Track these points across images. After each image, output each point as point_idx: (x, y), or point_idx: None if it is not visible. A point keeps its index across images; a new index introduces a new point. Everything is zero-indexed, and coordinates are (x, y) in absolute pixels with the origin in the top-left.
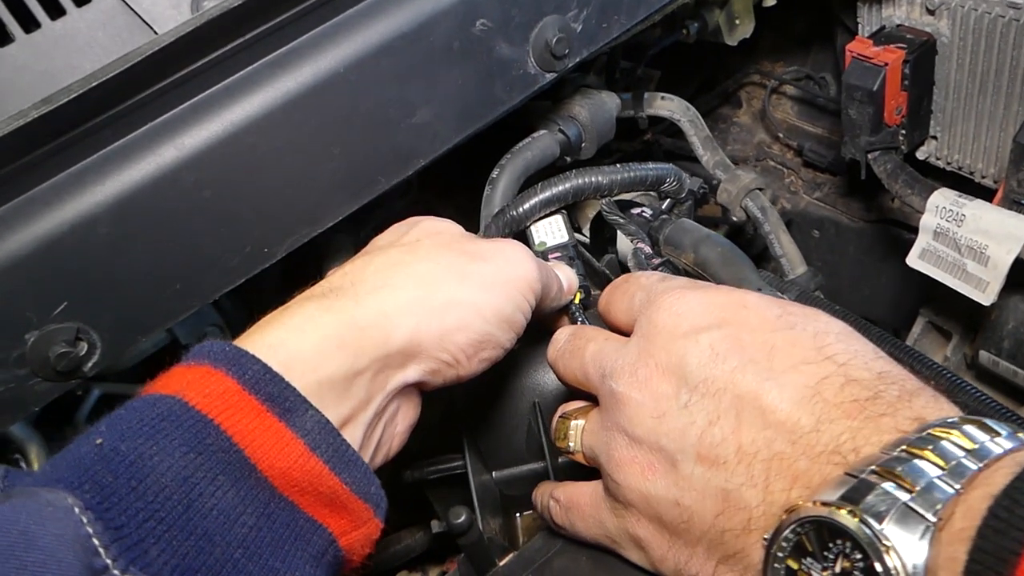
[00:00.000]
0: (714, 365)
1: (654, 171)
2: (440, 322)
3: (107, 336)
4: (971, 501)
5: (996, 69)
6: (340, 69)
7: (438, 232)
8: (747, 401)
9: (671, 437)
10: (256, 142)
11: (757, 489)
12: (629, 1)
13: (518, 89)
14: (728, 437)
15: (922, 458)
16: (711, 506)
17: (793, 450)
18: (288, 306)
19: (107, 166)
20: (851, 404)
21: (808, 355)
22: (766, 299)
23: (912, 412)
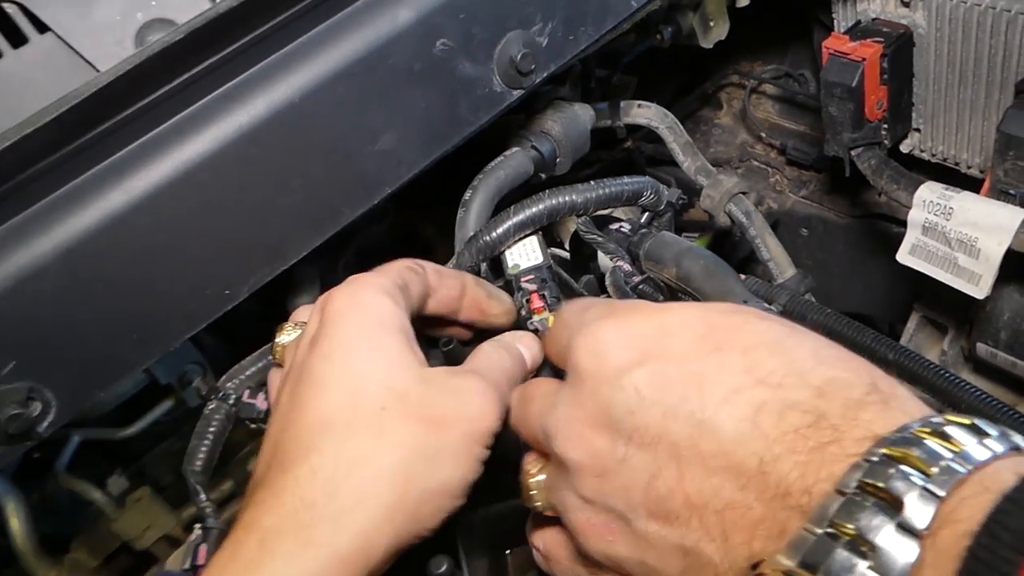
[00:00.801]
0: (643, 412)
1: (630, 185)
2: (417, 523)
3: (62, 394)
4: (940, 545)
5: (975, 58)
6: (296, 99)
7: (360, 340)
8: (684, 448)
9: (618, 496)
10: (210, 180)
11: (716, 543)
12: (595, 12)
13: (484, 109)
14: (674, 489)
15: (879, 498)
16: (673, 563)
17: (744, 496)
18: (263, 536)
19: (51, 215)
20: (793, 435)
21: (739, 382)
22: (689, 318)
23: (859, 431)
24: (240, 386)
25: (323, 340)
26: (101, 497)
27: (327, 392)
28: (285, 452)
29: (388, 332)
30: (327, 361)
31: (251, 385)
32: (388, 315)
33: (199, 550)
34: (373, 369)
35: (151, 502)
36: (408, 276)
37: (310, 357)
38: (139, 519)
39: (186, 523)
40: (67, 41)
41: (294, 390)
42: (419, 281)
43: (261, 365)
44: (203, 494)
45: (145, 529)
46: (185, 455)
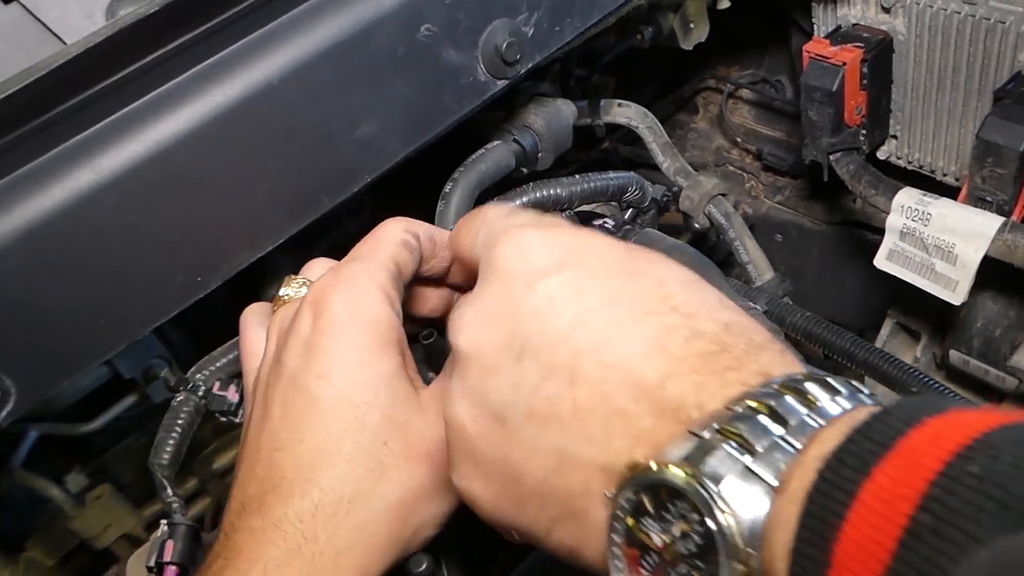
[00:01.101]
0: (551, 317)
1: (615, 180)
2: (407, 550)
3: (22, 382)
4: (807, 462)
5: (954, 66)
6: (274, 80)
7: (350, 352)
8: (584, 356)
9: (500, 393)
10: (184, 161)
11: (595, 448)
12: (581, 3)
13: (468, 98)
14: (563, 394)
15: (765, 415)
16: (542, 463)
17: (636, 407)
18: (265, 567)
19: (13, 193)
20: (697, 358)
21: (652, 305)
22: (611, 242)
23: (758, 367)
24: (210, 378)
25: (320, 355)
26: (60, 494)
27: (327, 418)
28: (282, 477)
29: (387, 351)
30: (326, 382)
31: (221, 377)
32: (385, 327)
33: (165, 546)
34: (374, 399)
35: (112, 500)
36: (403, 258)
37: (306, 372)
38: (99, 517)
39: (147, 522)
40: (33, 12)
41: (289, 405)
42: (413, 260)
43: (232, 356)
44: (170, 489)
45: (106, 527)
46: (152, 448)
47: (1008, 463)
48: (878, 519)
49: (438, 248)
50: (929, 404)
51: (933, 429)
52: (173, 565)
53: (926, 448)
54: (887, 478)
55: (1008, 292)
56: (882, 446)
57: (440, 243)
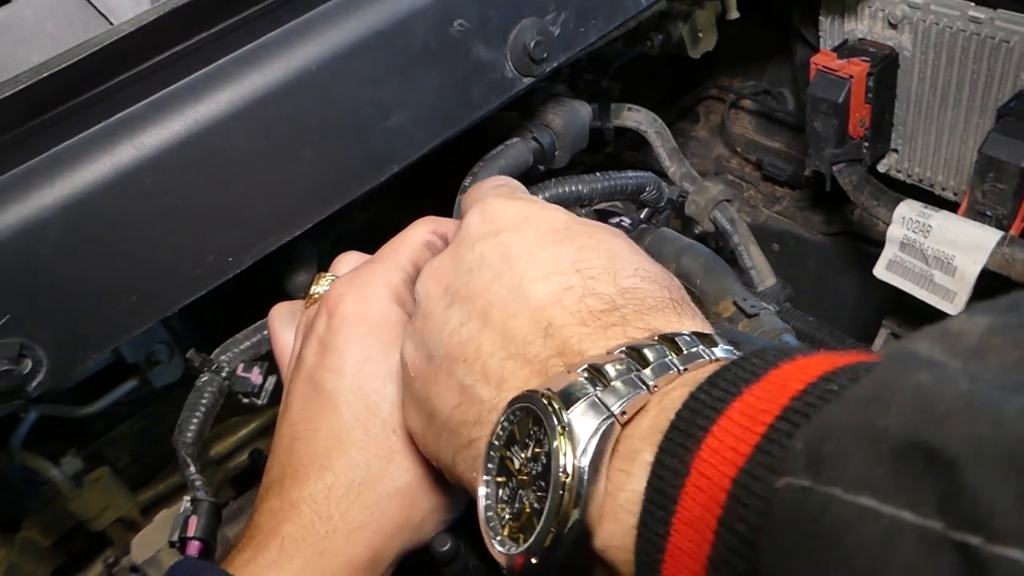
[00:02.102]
0: (478, 272)
1: (634, 179)
2: (420, 534)
3: (54, 353)
4: (663, 400)
5: (957, 83)
6: (312, 67)
7: (364, 351)
8: (493, 308)
9: (431, 336)
10: (222, 143)
11: (491, 386)
12: (606, 6)
13: (495, 93)
14: (473, 337)
15: (630, 359)
16: (449, 399)
17: (526, 350)
18: (282, 541)
19: (57, 166)
20: (586, 314)
21: (561, 267)
22: (559, 214)
23: (644, 324)
24: (234, 359)
25: (333, 351)
26: (58, 475)
27: (339, 409)
28: (299, 463)
29: (396, 347)
30: (338, 376)
31: (245, 359)
32: (396, 324)
33: (189, 521)
34: (383, 388)
35: (110, 483)
36: (424, 259)
37: (320, 367)
38: (97, 499)
39: (143, 506)
40: None
41: (307, 398)
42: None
43: (256, 339)
44: (193, 466)
45: (102, 510)
46: (176, 426)
47: (867, 386)
48: (738, 429)
49: None
50: (805, 348)
51: (805, 362)
52: (197, 540)
53: (795, 374)
54: (753, 397)
55: None
56: (753, 375)
57: None
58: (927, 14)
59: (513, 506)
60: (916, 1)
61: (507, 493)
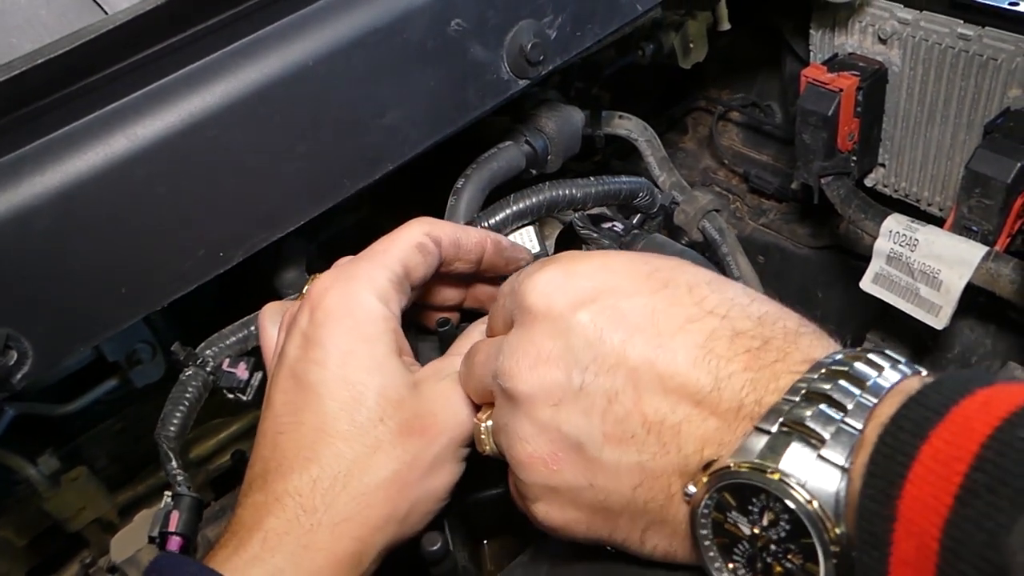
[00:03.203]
0: (601, 342)
1: (627, 185)
2: (407, 527)
3: (40, 345)
4: (867, 435)
5: (944, 99)
6: (309, 62)
7: (349, 341)
8: (643, 371)
9: (573, 423)
10: (216, 136)
11: (671, 456)
12: (603, 11)
13: (491, 94)
14: (631, 411)
15: (824, 403)
16: (627, 481)
17: (699, 412)
18: (265, 536)
19: (49, 155)
20: (745, 355)
21: (691, 313)
22: (630, 257)
23: (801, 354)
24: (219, 354)
25: (316, 344)
26: (35, 474)
27: (323, 400)
28: (283, 457)
29: (380, 338)
30: (322, 367)
31: (231, 354)
32: (379, 319)
33: (170, 516)
34: (369, 378)
35: (87, 483)
36: (413, 262)
37: (303, 360)
38: (74, 499)
39: (121, 507)
40: None
41: (289, 391)
42: (426, 264)
43: (243, 335)
44: (175, 461)
45: (79, 510)
46: (159, 420)
47: None
48: (935, 477)
49: (462, 252)
50: (978, 376)
51: (983, 398)
52: (177, 536)
53: (977, 414)
54: (942, 441)
55: (986, 320)
56: (937, 413)
57: (465, 247)
58: (916, 30)
59: (755, 567)
60: (906, 17)
61: (740, 555)
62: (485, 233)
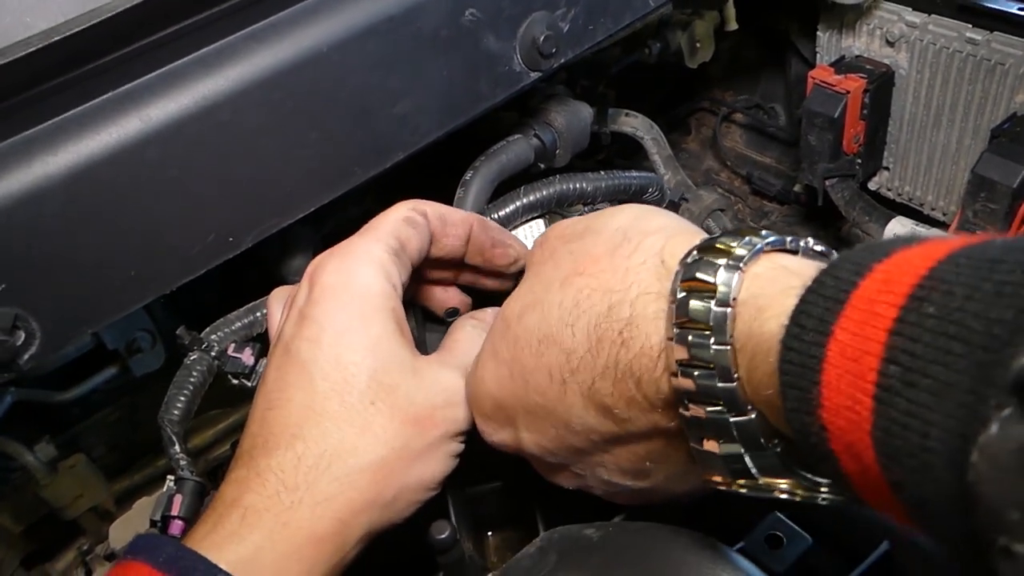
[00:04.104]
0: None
1: (638, 180)
2: (391, 513)
3: (48, 325)
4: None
5: (951, 103)
6: (323, 48)
7: (348, 319)
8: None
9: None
10: (229, 120)
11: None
12: (616, 5)
13: (503, 86)
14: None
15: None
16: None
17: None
18: (244, 512)
19: (61, 135)
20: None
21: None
22: (550, 267)
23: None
24: (225, 339)
25: (311, 321)
26: (33, 461)
27: (315, 379)
28: (270, 433)
29: (378, 317)
30: (315, 345)
31: (236, 339)
32: (378, 296)
33: (173, 500)
34: (363, 359)
35: (85, 470)
36: (405, 234)
37: (297, 337)
38: (71, 487)
39: (117, 496)
40: None
41: (282, 368)
42: (418, 235)
43: (249, 320)
44: (178, 444)
45: (76, 498)
46: (163, 404)
47: (960, 295)
48: (849, 377)
49: (448, 227)
50: (874, 249)
51: (883, 275)
52: (180, 520)
53: (880, 296)
54: (847, 334)
55: None
56: (837, 301)
57: (451, 221)
58: (924, 33)
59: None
60: (914, 20)
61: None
62: (470, 212)
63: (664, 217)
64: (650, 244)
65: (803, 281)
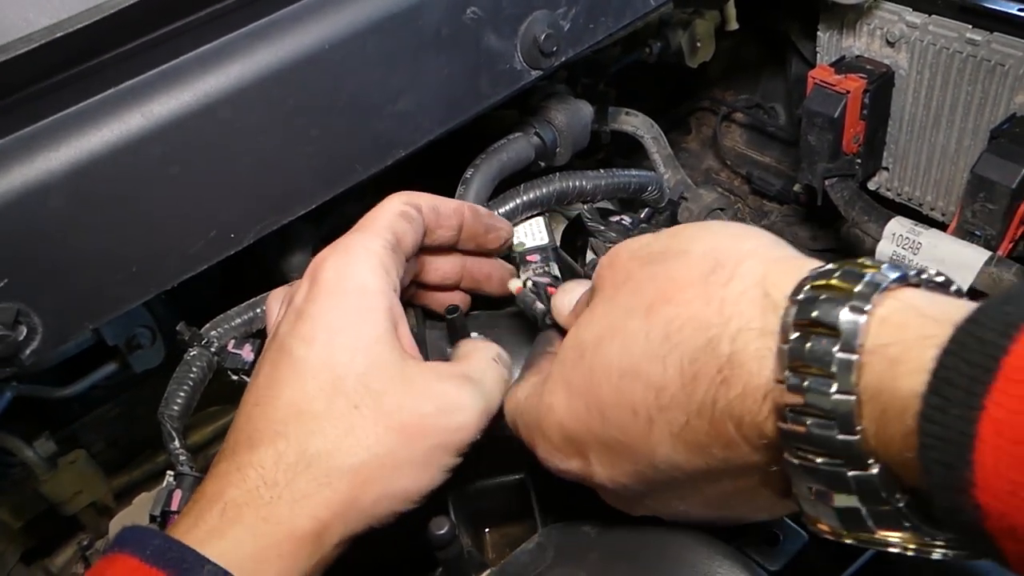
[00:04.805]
0: (619, 394)
1: (637, 178)
2: (370, 519)
3: (50, 321)
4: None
5: (950, 104)
6: (325, 46)
7: (348, 323)
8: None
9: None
10: (231, 117)
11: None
12: (616, 4)
13: (503, 84)
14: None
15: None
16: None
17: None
18: (224, 507)
19: (63, 130)
20: (707, 382)
21: (654, 349)
22: (612, 294)
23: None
24: (224, 335)
25: (306, 319)
26: (32, 456)
27: (304, 378)
28: (255, 429)
29: (373, 317)
30: (307, 344)
31: (236, 336)
32: (375, 294)
33: (173, 496)
34: (353, 362)
35: (85, 466)
36: (401, 229)
37: (291, 335)
38: (71, 482)
39: (117, 492)
40: None
41: (273, 364)
42: (413, 230)
43: (249, 316)
44: (178, 440)
45: (76, 493)
46: (163, 399)
47: None
48: (1010, 460)
49: (442, 218)
50: (1019, 301)
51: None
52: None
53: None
54: (1003, 410)
55: None
56: (985, 369)
57: (444, 213)
58: (924, 34)
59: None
60: (914, 21)
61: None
62: (461, 201)
63: (754, 238)
64: (748, 271)
65: (941, 329)
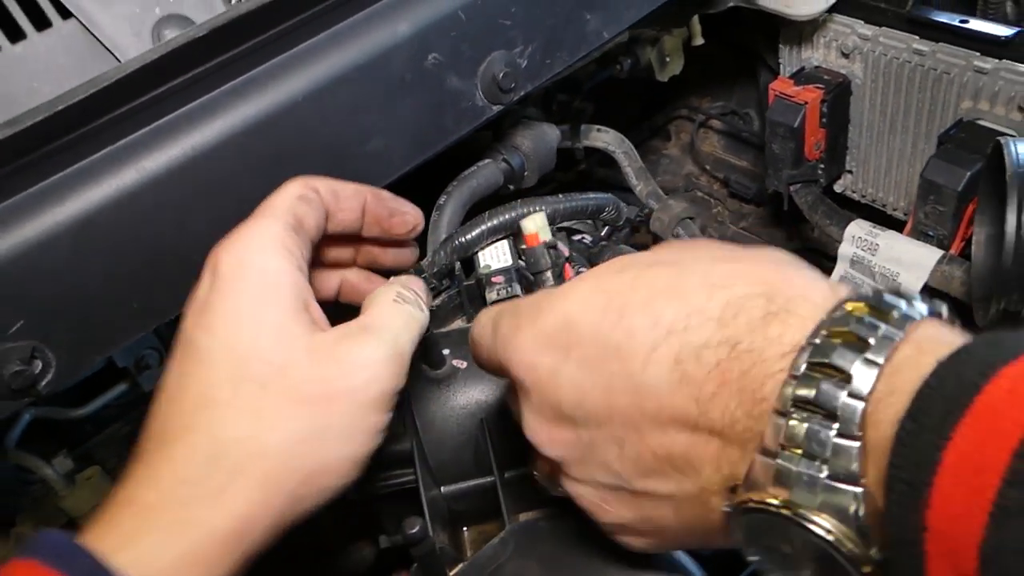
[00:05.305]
0: (588, 399)
1: (594, 200)
2: (298, 503)
3: (63, 354)
4: (872, 439)
5: (904, 110)
6: (299, 98)
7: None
8: (633, 415)
9: (600, 473)
10: (215, 167)
11: (693, 480)
12: (571, 40)
13: (466, 120)
14: (641, 450)
15: (815, 414)
16: (669, 507)
17: (698, 436)
18: (137, 511)
19: (68, 187)
20: (716, 371)
21: (652, 339)
22: (586, 295)
23: (774, 348)
24: None
25: (208, 309)
26: (52, 474)
27: (209, 368)
28: (164, 426)
29: (276, 297)
30: (209, 334)
31: None
32: (276, 275)
33: None
34: (256, 344)
35: (101, 481)
36: (301, 210)
37: (196, 327)
38: (89, 497)
39: None
40: (90, 29)
41: (180, 359)
42: (313, 211)
43: None
44: None
45: (94, 507)
46: None
47: None
48: (966, 489)
49: (342, 200)
50: (1002, 346)
51: (1009, 382)
52: None
53: (1005, 407)
54: (969, 444)
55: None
56: (960, 405)
57: (343, 195)
58: (876, 45)
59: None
60: (866, 33)
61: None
62: (361, 184)
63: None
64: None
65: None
